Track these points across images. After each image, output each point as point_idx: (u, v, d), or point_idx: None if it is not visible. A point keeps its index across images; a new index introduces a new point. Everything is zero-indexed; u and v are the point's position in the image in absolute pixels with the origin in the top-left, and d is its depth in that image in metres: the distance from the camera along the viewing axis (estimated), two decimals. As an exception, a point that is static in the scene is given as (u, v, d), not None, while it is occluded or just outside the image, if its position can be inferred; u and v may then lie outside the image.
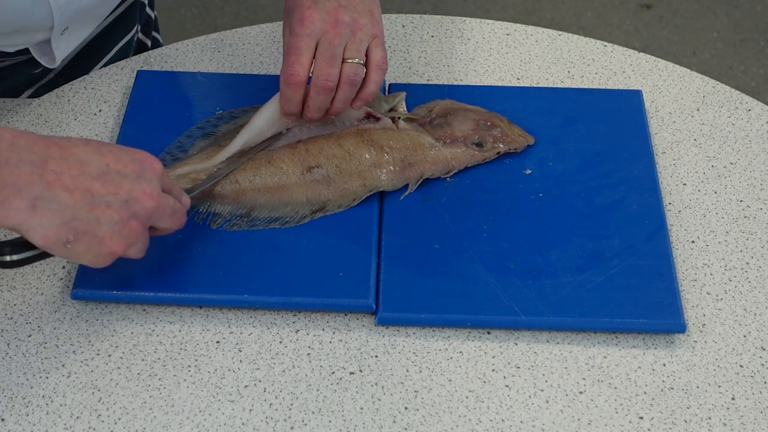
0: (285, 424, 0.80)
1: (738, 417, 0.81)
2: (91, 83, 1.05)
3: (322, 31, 0.89)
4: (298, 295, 0.86)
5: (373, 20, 0.92)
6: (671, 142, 1.01)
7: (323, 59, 0.89)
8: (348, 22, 0.90)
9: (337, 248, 0.89)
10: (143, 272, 0.86)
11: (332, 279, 0.86)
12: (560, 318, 0.84)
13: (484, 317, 0.85)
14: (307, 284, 0.86)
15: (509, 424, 0.80)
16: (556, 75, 1.07)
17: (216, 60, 1.08)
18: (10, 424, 0.79)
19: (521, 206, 0.92)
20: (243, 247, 0.89)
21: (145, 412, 0.80)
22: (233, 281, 0.86)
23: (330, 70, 0.89)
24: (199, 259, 0.88)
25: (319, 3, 0.90)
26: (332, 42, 0.89)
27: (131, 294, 0.86)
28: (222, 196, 0.92)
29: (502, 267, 0.88)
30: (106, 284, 0.86)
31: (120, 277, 0.86)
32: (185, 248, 0.88)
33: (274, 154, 0.94)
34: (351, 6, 0.91)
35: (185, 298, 0.86)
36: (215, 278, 0.86)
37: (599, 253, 0.89)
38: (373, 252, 0.89)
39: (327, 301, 0.86)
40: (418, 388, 0.82)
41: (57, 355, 0.84)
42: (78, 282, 0.86)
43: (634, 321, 0.84)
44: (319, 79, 0.90)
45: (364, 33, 0.91)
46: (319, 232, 0.90)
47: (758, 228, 0.94)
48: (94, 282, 0.86)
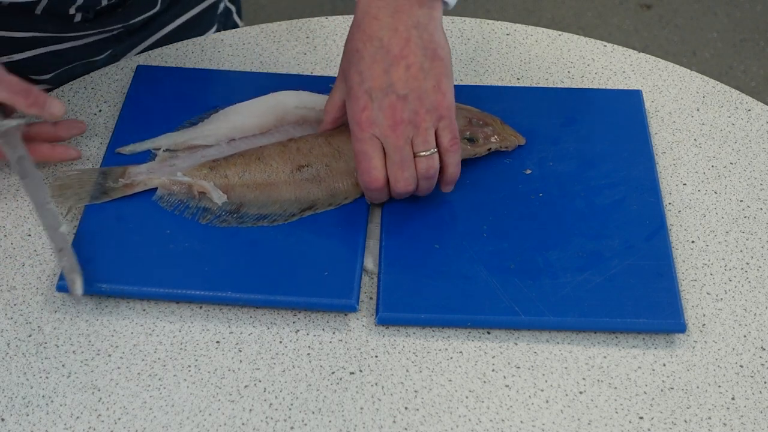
0: (285, 424, 0.80)
1: (738, 417, 0.81)
2: (91, 83, 1.05)
3: (384, 135, 0.87)
4: (280, 294, 0.85)
5: (438, 95, 0.87)
6: (671, 142, 1.01)
7: (394, 165, 0.87)
8: (408, 119, 0.86)
9: (323, 247, 0.89)
10: (126, 266, 0.86)
11: (317, 278, 0.86)
12: (560, 318, 0.84)
13: (484, 317, 0.85)
14: (291, 282, 0.86)
15: (509, 424, 0.80)
16: (556, 75, 1.07)
17: (216, 60, 1.08)
18: (10, 424, 0.79)
19: (521, 206, 0.92)
20: (231, 243, 0.89)
21: (145, 412, 0.80)
22: (219, 277, 0.86)
23: (404, 174, 0.88)
24: (186, 255, 0.88)
25: (374, 99, 0.86)
26: (397, 145, 0.87)
27: (112, 287, 0.85)
28: None
29: (502, 267, 0.88)
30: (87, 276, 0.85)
31: (103, 271, 0.86)
32: (173, 243, 0.88)
33: (264, 150, 0.94)
34: (412, 91, 0.86)
35: (170, 294, 0.86)
36: (201, 274, 0.86)
37: (599, 253, 0.89)
38: (360, 251, 0.89)
39: (310, 300, 0.85)
40: (418, 388, 0.82)
41: (57, 355, 0.84)
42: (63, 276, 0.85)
43: (635, 321, 0.84)
44: (398, 185, 0.88)
45: (428, 122, 0.87)
46: (306, 230, 0.90)
47: (758, 228, 0.94)
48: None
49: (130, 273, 0.86)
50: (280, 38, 1.10)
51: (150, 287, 0.86)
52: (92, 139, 0.99)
